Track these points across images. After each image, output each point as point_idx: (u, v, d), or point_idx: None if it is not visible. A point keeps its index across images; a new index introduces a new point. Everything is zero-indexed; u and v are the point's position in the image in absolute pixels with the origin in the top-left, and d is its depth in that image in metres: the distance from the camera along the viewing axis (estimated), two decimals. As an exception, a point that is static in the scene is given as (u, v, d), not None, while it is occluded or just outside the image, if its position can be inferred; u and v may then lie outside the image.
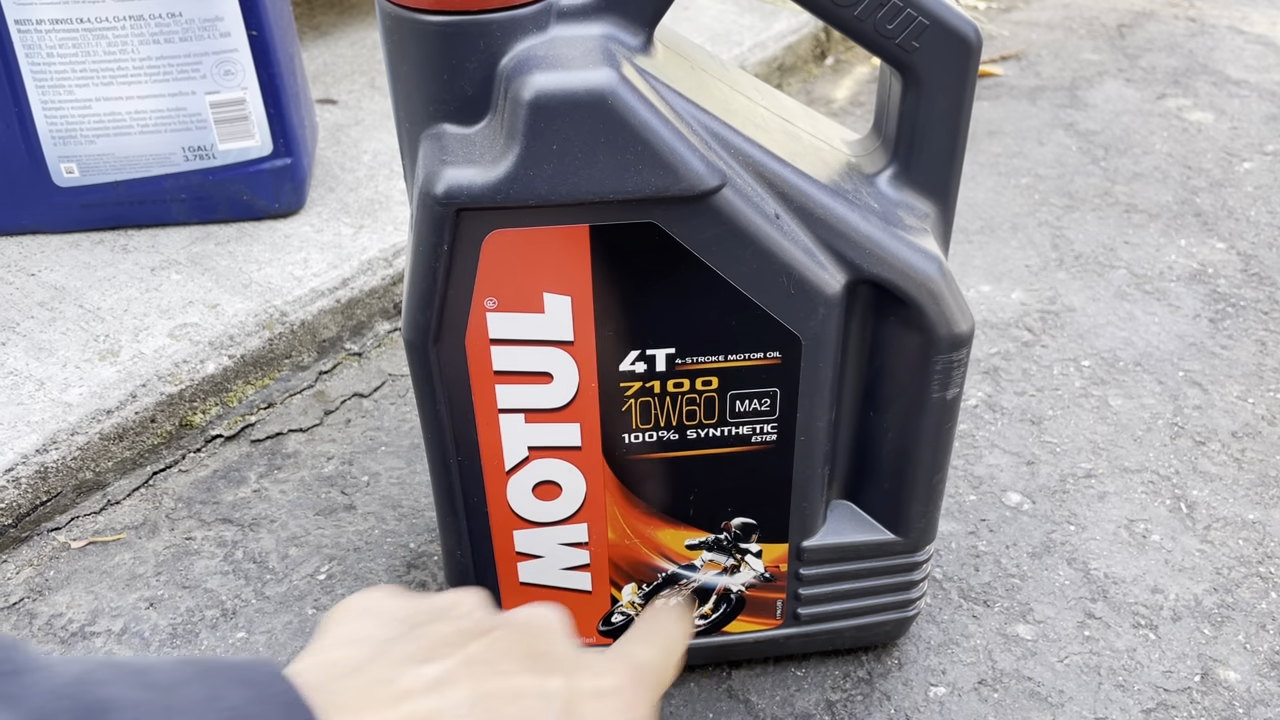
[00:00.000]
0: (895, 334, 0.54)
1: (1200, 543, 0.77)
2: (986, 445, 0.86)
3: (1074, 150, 1.30)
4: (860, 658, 0.69)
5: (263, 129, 0.99)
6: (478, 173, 0.45)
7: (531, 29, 0.45)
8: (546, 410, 0.53)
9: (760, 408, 0.55)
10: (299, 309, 0.93)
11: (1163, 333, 0.98)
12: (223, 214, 1.03)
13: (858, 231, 0.50)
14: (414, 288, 0.48)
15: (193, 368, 0.87)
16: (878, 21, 0.48)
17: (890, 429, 0.58)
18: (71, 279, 0.96)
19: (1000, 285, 1.05)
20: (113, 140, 0.97)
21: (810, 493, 0.58)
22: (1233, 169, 1.26)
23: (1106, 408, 0.90)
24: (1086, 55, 1.55)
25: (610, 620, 0.62)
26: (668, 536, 0.59)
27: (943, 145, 0.52)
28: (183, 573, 0.76)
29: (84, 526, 0.80)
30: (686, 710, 0.66)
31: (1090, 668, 0.68)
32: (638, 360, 0.52)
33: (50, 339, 0.89)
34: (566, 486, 0.56)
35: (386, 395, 0.92)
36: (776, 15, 1.50)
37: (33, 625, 0.72)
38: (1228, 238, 1.13)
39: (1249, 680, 0.67)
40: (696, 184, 0.46)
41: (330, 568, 0.76)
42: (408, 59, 0.46)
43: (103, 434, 0.81)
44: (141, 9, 0.91)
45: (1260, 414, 0.89)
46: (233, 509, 0.81)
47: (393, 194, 1.08)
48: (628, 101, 0.44)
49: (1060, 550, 0.77)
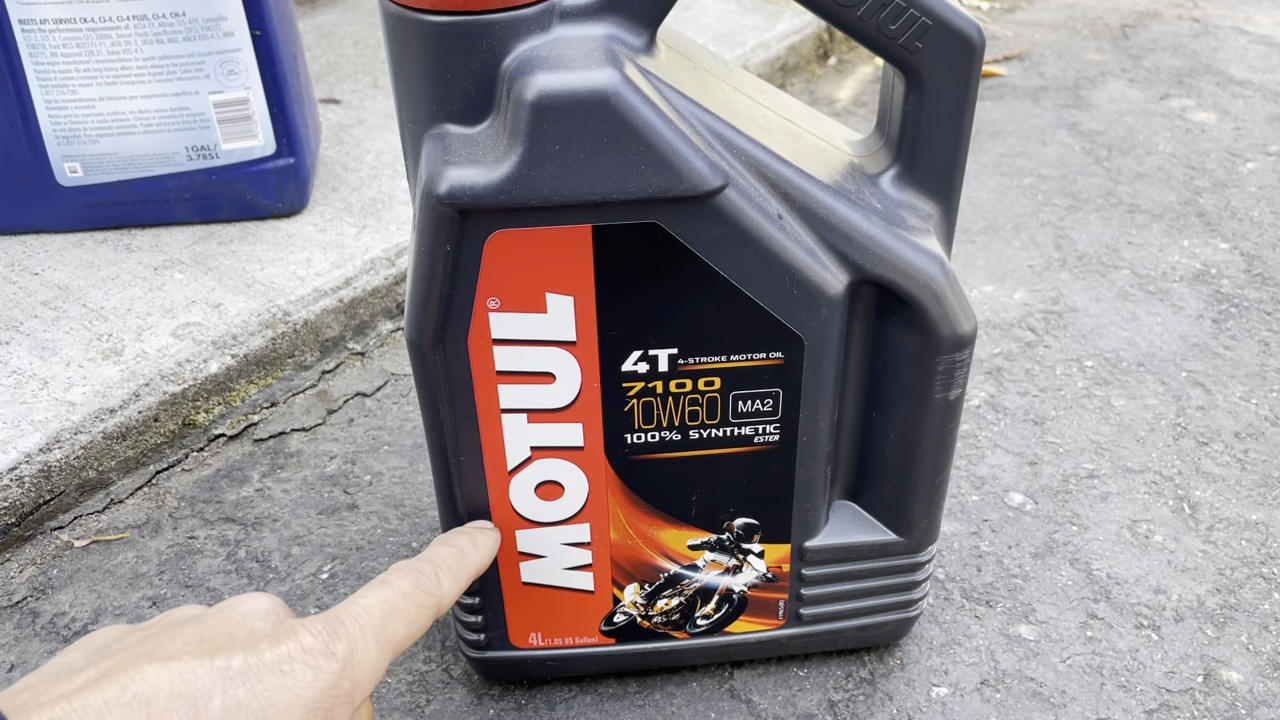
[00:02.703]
0: (898, 334, 0.54)
1: (1203, 543, 0.77)
2: (989, 445, 0.86)
3: (1077, 150, 1.30)
4: (862, 658, 0.69)
5: (266, 129, 0.99)
6: (480, 173, 0.45)
7: (534, 29, 0.45)
8: (549, 410, 0.53)
9: (763, 408, 0.55)
10: (302, 308, 0.93)
11: (1166, 333, 0.98)
12: (226, 213, 1.03)
13: (860, 232, 0.50)
14: (417, 287, 0.48)
15: (196, 367, 0.87)
16: (881, 22, 0.48)
17: (893, 429, 0.58)
18: (75, 278, 0.96)
19: (1003, 285, 1.05)
20: (116, 140, 0.97)
21: (812, 493, 0.58)
22: (1236, 169, 1.26)
23: (1109, 408, 0.90)
24: (1090, 55, 1.55)
25: (612, 620, 0.62)
26: (670, 537, 0.59)
27: (946, 145, 0.52)
28: (185, 572, 0.76)
29: (87, 525, 0.80)
30: (688, 710, 0.66)
31: (1093, 668, 0.68)
32: (640, 360, 0.52)
33: (54, 338, 0.89)
34: (569, 486, 0.56)
35: (389, 395, 0.92)
36: (779, 15, 1.50)
37: (35, 624, 0.72)
38: (1231, 238, 1.13)
39: (1251, 681, 0.67)
40: (699, 184, 0.46)
41: (333, 567, 0.76)
42: (410, 59, 0.46)
43: (106, 433, 0.82)
44: (145, 9, 0.91)
45: (1263, 414, 0.89)
46: (235, 508, 0.81)
47: (395, 194, 1.08)
48: (630, 102, 0.44)
49: (1063, 551, 0.76)
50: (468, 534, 0.53)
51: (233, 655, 0.36)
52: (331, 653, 0.38)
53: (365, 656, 0.39)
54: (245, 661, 0.36)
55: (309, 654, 0.37)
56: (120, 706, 0.33)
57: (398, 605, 0.43)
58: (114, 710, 0.33)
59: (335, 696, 0.37)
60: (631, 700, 0.66)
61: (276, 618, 0.39)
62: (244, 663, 0.36)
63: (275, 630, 0.38)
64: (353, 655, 0.39)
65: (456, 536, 0.52)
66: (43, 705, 0.32)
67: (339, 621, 0.40)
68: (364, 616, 0.41)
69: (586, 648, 0.63)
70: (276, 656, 0.37)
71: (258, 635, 0.38)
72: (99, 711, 0.32)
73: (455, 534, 0.53)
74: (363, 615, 0.41)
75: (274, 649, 0.37)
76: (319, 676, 0.37)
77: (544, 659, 0.64)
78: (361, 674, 0.39)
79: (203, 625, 0.38)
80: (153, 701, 0.33)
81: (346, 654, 0.38)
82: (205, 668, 0.35)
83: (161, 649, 0.36)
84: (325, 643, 0.38)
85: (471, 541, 0.52)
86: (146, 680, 0.34)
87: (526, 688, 0.67)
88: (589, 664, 0.65)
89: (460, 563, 0.49)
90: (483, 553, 0.52)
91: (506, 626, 0.62)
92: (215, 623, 0.38)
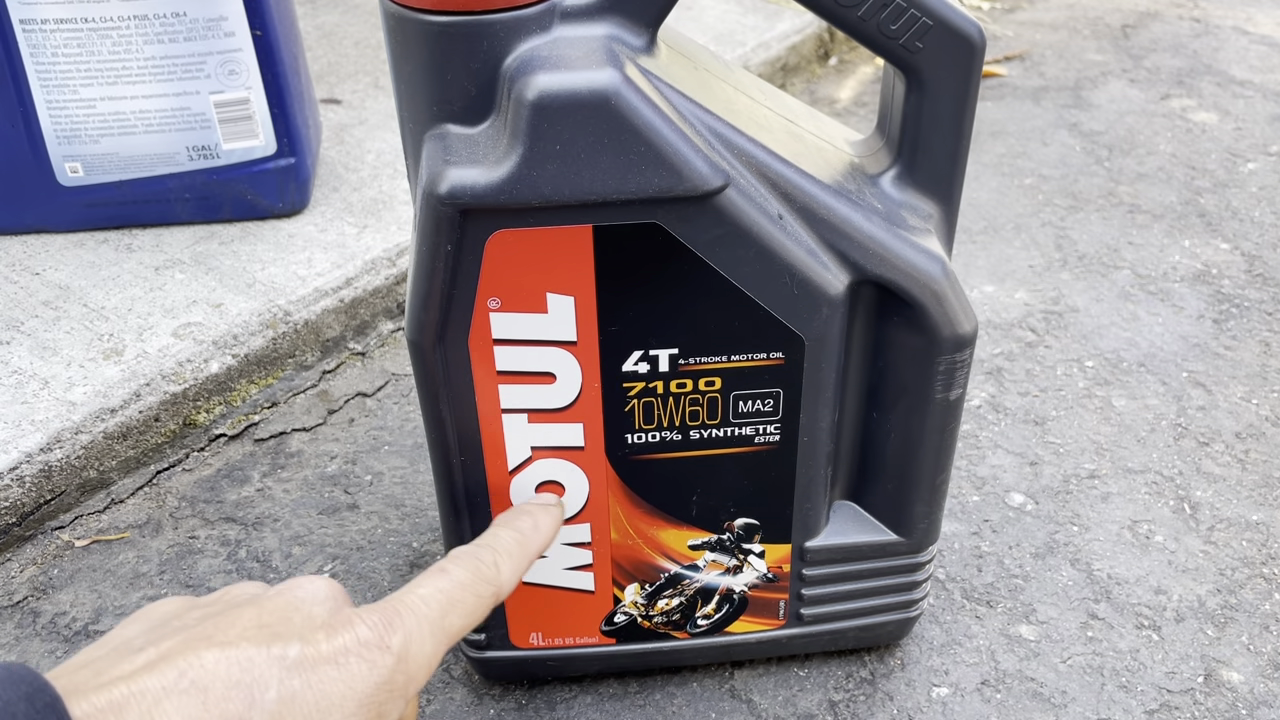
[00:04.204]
0: (898, 335, 0.54)
1: (1204, 544, 0.77)
2: (990, 446, 0.86)
3: (1078, 151, 1.30)
4: (863, 658, 0.69)
5: (267, 129, 0.99)
6: (481, 173, 0.45)
7: (535, 29, 0.45)
8: (549, 410, 0.53)
9: (763, 408, 0.55)
10: (303, 308, 0.93)
11: (1166, 333, 0.98)
12: (227, 213, 1.03)
13: (861, 232, 0.51)
14: (417, 287, 0.49)
15: (196, 367, 0.87)
16: (881, 22, 0.48)
17: (893, 430, 0.58)
18: (76, 278, 0.96)
19: (1004, 286, 1.05)
20: (117, 140, 0.97)
21: (813, 493, 0.58)
22: (1237, 170, 1.26)
23: (1110, 408, 0.90)
24: (1090, 56, 1.55)
25: (613, 620, 0.62)
26: (670, 537, 0.59)
27: (946, 146, 0.52)
28: (186, 571, 0.76)
29: (88, 525, 0.80)
30: (689, 710, 0.66)
31: (1093, 668, 0.68)
32: (641, 360, 0.52)
33: (54, 338, 0.89)
34: (569, 486, 0.56)
35: (390, 395, 0.92)
36: (780, 15, 1.50)
37: (36, 624, 0.72)
38: (1232, 238, 1.13)
39: (1252, 681, 0.67)
40: (700, 184, 0.46)
41: (333, 567, 0.76)
42: (411, 59, 0.46)
43: (107, 433, 0.82)
44: (146, 9, 0.91)
45: (1264, 415, 0.89)
46: (236, 508, 0.81)
47: (396, 194, 1.08)
48: (631, 102, 0.44)
49: (1063, 551, 0.76)
50: (530, 514, 0.50)
51: (289, 644, 0.35)
52: (386, 646, 0.37)
53: (420, 650, 0.39)
54: (301, 652, 0.35)
55: (364, 647, 0.37)
56: (178, 693, 0.33)
57: (455, 596, 0.42)
58: (171, 696, 0.32)
59: (389, 691, 0.37)
60: (632, 700, 0.66)
61: (334, 604, 0.39)
62: (300, 653, 0.35)
63: (332, 619, 0.38)
64: (407, 649, 0.38)
65: (518, 518, 0.50)
66: (101, 686, 0.32)
67: (395, 613, 0.39)
68: (420, 607, 0.40)
69: (587, 648, 0.63)
70: (332, 649, 0.36)
71: (314, 624, 0.37)
72: (156, 697, 0.32)
73: (517, 514, 0.50)
74: (419, 606, 0.40)
75: (330, 640, 0.36)
76: (373, 670, 0.37)
77: (544, 659, 0.64)
78: (416, 668, 0.38)
79: (261, 608, 0.37)
80: (210, 689, 0.33)
81: (401, 647, 0.38)
82: (263, 656, 0.35)
83: (220, 632, 0.35)
84: (380, 635, 0.37)
85: (533, 523, 0.50)
86: (204, 666, 0.34)
87: (527, 688, 0.67)
88: (589, 664, 0.65)
89: (521, 548, 0.47)
90: (545, 534, 0.50)
91: (507, 626, 0.62)
92: (274, 606, 0.38)
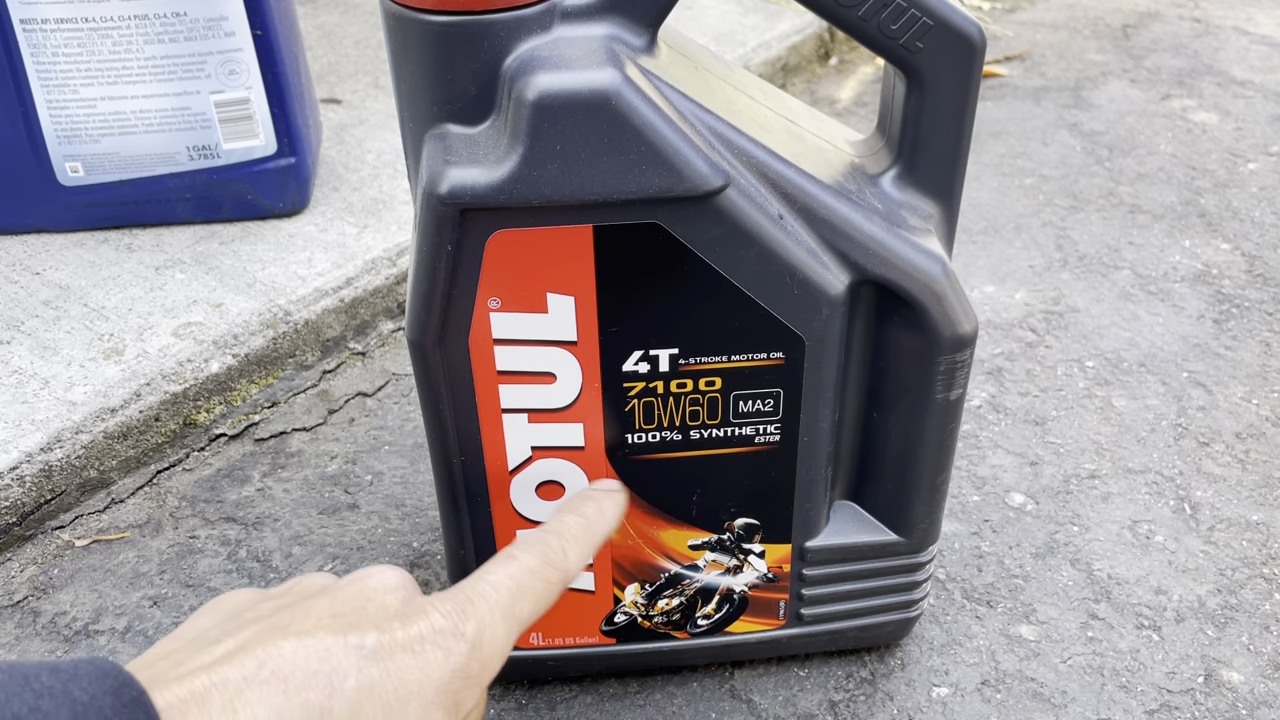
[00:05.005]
0: (899, 335, 0.54)
1: (1204, 544, 0.77)
2: (990, 446, 0.86)
3: (1078, 151, 1.30)
4: (863, 658, 0.69)
5: (267, 128, 0.99)
6: (481, 173, 0.45)
7: (535, 29, 0.45)
8: (550, 410, 0.53)
9: (764, 408, 0.55)
10: (303, 308, 0.93)
11: (1167, 334, 0.98)
12: (227, 213, 1.03)
13: (861, 232, 0.50)
14: (417, 287, 0.49)
15: (197, 367, 0.87)
16: (882, 22, 0.48)
17: (894, 430, 0.58)
18: (76, 278, 0.96)
19: (1004, 286, 1.05)
20: (117, 139, 0.97)
21: (813, 493, 0.58)
22: (1237, 170, 1.26)
23: (1110, 408, 0.90)
24: (1091, 56, 1.55)
25: (613, 620, 0.62)
26: (670, 537, 0.59)
27: (947, 146, 0.52)
28: (186, 571, 0.76)
29: (88, 525, 0.80)
30: (689, 710, 0.66)
31: (1093, 669, 0.68)
32: (641, 360, 0.52)
33: (55, 338, 0.89)
34: (570, 486, 0.56)
35: (390, 395, 0.92)
36: (780, 15, 1.50)
37: (36, 624, 0.72)
38: (1232, 239, 1.13)
39: (1252, 682, 0.67)
40: (700, 184, 0.46)
41: (334, 567, 0.76)
42: (411, 59, 0.46)
43: (107, 433, 0.82)
44: (146, 8, 0.91)
45: (1264, 415, 0.89)
46: (236, 508, 0.81)
47: (396, 193, 1.08)
48: (631, 102, 0.44)
49: (1063, 551, 0.76)
50: (594, 500, 0.50)
51: (366, 633, 0.35)
52: (461, 634, 0.37)
53: (493, 637, 0.38)
54: (378, 640, 0.35)
55: (440, 635, 0.37)
56: (259, 682, 0.32)
57: (525, 582, 0.41)
58: (252, 686, 0.32)
59: (464, 678, 0.37)
60: (632, 700, 0.66)
61: (406, 594, 0.39)
62: (377, 641, 0.35)
63: (405, 608, 0.37)
64: (481, 636, 0.38)
65: (584, 503, 0.49)
66: (183, 677, 0.32)
67: (468, 600, 0.39)
68: (492, 595, 0.40)
69: (587, 648, 0.63)
70: (408, 636, 0.36)
71: (389, 612, 0.37)
72: (238, 687, 0.32)
73: (582, 500, 0.50)
74: (490, 594, 0.40)
75: (405, 628, 0.36)
76: (449, 658, 0.36)
77: (544, 659, 0.64)
78: (489, 655, 0.38)
79: (334, 598, 0.37)
80: (290, 679, 0.33)
81: (475, 635, 0.38)
82: (340, 645, 0.35)
83: (296, 623, 0.35)
84: (455, 623, 0.37)
85: (598, 509, 0.49)
86: (283, 656, 0.33)
87: (527, 687, 0.67)
88: (589, 664, 0.65)
89: (587, 534, 0.47)
90: (609, 520, 0.50)
91: (507, 626, 0.62)
92: (346, 596, 0.38)
